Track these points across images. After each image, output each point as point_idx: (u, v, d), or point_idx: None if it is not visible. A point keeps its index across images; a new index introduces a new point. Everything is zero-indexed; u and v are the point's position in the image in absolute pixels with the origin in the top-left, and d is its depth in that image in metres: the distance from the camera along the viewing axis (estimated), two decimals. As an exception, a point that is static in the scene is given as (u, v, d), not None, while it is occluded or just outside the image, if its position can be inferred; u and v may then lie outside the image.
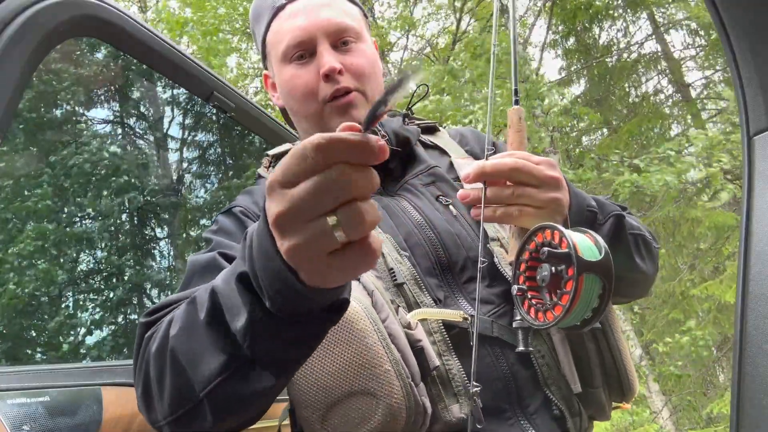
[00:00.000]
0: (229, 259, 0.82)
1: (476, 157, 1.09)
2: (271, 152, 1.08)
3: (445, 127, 1.18)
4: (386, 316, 0.76)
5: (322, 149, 0.44)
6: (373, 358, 0.72)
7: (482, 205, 0.77)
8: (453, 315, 0.82)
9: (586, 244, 0.69)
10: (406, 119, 1.09)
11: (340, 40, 0.98)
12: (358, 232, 0.46)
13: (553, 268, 0.70)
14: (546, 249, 0.69)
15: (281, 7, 1.00)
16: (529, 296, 0.73)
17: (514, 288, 0.74)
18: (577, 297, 0.66)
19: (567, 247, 0.67)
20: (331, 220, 0.45)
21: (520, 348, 0.77)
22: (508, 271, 0.87)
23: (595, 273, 0.67)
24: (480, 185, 0.79)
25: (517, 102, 0.86)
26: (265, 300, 0.54)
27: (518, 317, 0.77)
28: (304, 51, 0.97)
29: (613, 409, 0.94)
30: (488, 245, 0.91)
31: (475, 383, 0.76)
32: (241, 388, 0.60)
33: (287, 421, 0.92)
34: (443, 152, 1.08)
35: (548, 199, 0.78)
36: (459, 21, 8.66)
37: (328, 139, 0.44)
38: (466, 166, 0.79)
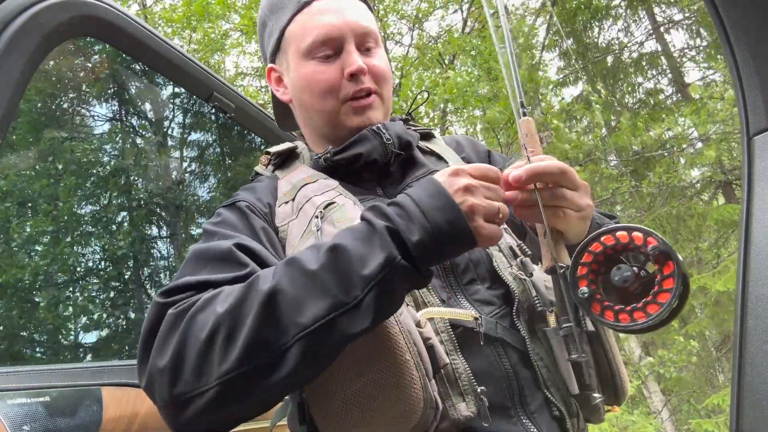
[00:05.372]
0: (246, 250, 0.82)
1: None
2: (271, 149, 1.08)
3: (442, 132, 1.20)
4: (401, 311, 0.77)
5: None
6: (394, 347, 0.73)
7: (539, 204, 0.77)
8: (464, 315, 0.82)
9: None
10: (405, 124, 1.09)
11: (365, 44, 1.00)
12: None
13: (635, 268, 0.69)
14: (656, 247, 0.68)
15: (308, 3, 1.00)
16: (598, 298, 0.71)
17: (584, 291, 0.71)
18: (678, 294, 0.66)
19: (662, 245, 0.67)
20: None
21: (573, 356, 0.77)
22: (507, 275, 0.89)
23: (683, 273, 0.67)
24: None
25: (525, 114, 0.86)
26: (423, 233, 0.69)
27: (566, 324, 0.76)
28: (331, 50, 0.98)
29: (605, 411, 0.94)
30: (487, 249, 0.92)
31: (482, 387, 0.78)
32: (341, 330, 0.67)
33: (284, 421, 0.92)
34: (440, 158, 1.09)
35: (585, 204, 0.81)
36: (465, 21, 8.66)
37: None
38: (511, 168, 0.80)
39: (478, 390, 0.78)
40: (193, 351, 0.69)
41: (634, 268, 0.69)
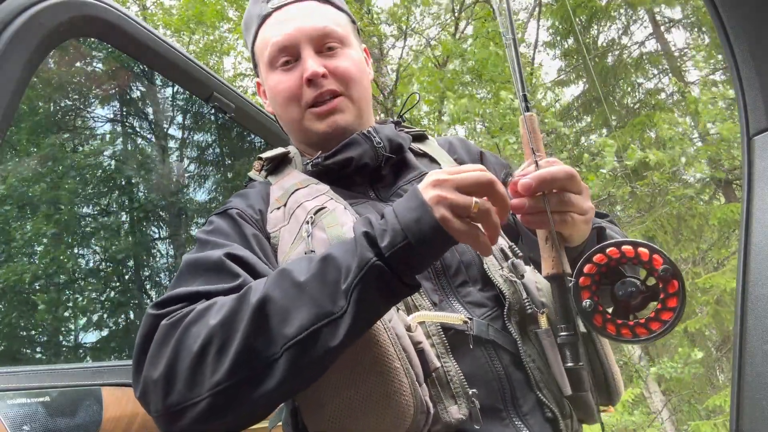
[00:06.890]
0: (238, 260, 0.82)
1: None
2: (264, 155, 1.08)
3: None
4: (391, 317, 0.77)
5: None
6: (383, 355, 0.73)
7: (548, 212, 0.76)
8: (454, 318, 0.83)
9: None
10: (397, 126, 1.09)
11: (325, 45, 0.99)
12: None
13: (638, 282, 0.70)
14: (663, 265, 0.68)
15: (267, 15, 1.02)
16: (600, 311, 0.71)
17: (587, 303, 0.71)
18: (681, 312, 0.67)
19: (668, 263, 0.68)
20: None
21: (569, 363, 0.77)
22: (497, 277, 0.89)
23: (685, 292, 0.68)
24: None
25: (528, 108, 0.85)
26: (397, 238, 0.68)
27: (564, 332, 0.76)
28: (288, 57, 0.99)
29: (600, 412, 0.94)
30: (477, 252, 0.91)
31: (474, 390, 0.78)
32: (326, 340, 0.67)
33: (278, 424, 0.92)
34: (433, 160, 1.08)
35: (588, 207, 0.80)
36: (457, 20, 8.66)
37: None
38: (520, 177, 0.79)
39: (470, 392, 0.78)
40: (186, 362, 0.70)
41: (637, 282, 0.70)
